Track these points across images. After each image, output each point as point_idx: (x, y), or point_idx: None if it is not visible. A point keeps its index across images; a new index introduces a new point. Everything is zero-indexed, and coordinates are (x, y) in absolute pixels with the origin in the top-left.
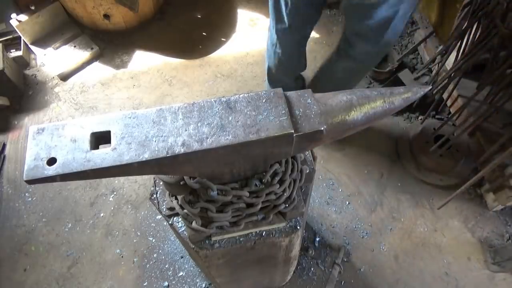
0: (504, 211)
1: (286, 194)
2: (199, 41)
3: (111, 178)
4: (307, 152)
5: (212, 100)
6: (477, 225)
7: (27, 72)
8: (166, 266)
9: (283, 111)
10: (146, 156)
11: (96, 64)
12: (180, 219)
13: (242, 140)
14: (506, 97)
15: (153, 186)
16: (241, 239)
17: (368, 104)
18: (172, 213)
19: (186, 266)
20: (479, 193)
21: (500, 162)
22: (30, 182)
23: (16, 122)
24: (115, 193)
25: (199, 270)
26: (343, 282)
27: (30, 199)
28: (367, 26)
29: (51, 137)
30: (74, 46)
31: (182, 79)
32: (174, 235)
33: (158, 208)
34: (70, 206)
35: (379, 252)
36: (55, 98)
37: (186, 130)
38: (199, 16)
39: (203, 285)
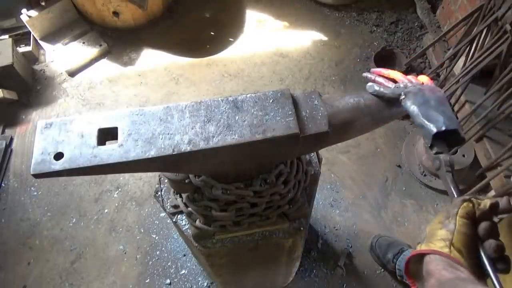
0: None
1: (290, 195)
2: (207, 41)
3: (116, 175)
4: (313, 154)
5: (219, 99)
6: None
7: (36, 67)
8: (169, 264)
9: (290, 112)
10: (152, 153)
11: (104, 61)
12: (184, 217)
13: (248, 139)
14: None
15: (158, 184)
16: (244, 239)
17: None
18: (176, 211)
19: (189, 265)
20: None
21: (506, 169)
22: (37, 176)
23: (24, 117)
24: (119, 189)
25: (202, 269)
26: (345, 285)
27: (35, 193)
28: None
29: (59, 132)
30: (83, 43)
31: (189, 78)
32: (177, 233)
33: (163, 205)
34: (75, 201)
35: None
36: (63, 94)
37: (192, 129)
38: (208, 16)
39: (205, 284)
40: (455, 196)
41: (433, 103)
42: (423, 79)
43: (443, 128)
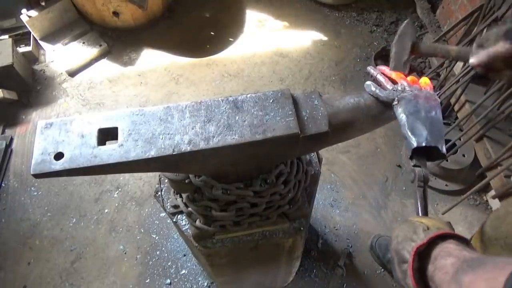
0: None
1: (290, 195)
2: (207, 41)
3: (116, 175)
4: (313, 154)
5: (219, 99)
6: None
7: (36, 67)
8: (169, 264)
9: (290, 112)
10: (152, 153)
11: (104, 61)
12: (184, 217)
13: (248, 139)
14: None
15: (158, 184)
16: (244, 238)
17: None
18: (176, 211)
19: (189, 265)
20: (484, 199)
21: (507, 168)
22: (37, 176)
23: (24, 117)
24: (120, 189)
25: (202, 269)
26: (345, 284)
27: (35, 193)
28: None
29: (59, 132)
30: (83, 43)
31: (189, 78)
32: (178, 233)
33: (163, 205)
34: (75, 201)
35: None
36: (63, 94)
37: (192, 129)
38: (208, 16)
39: (205, 284)
40: (420, 214)
41: (423, 114)
42: (424, 82)
43: (423, 144)
